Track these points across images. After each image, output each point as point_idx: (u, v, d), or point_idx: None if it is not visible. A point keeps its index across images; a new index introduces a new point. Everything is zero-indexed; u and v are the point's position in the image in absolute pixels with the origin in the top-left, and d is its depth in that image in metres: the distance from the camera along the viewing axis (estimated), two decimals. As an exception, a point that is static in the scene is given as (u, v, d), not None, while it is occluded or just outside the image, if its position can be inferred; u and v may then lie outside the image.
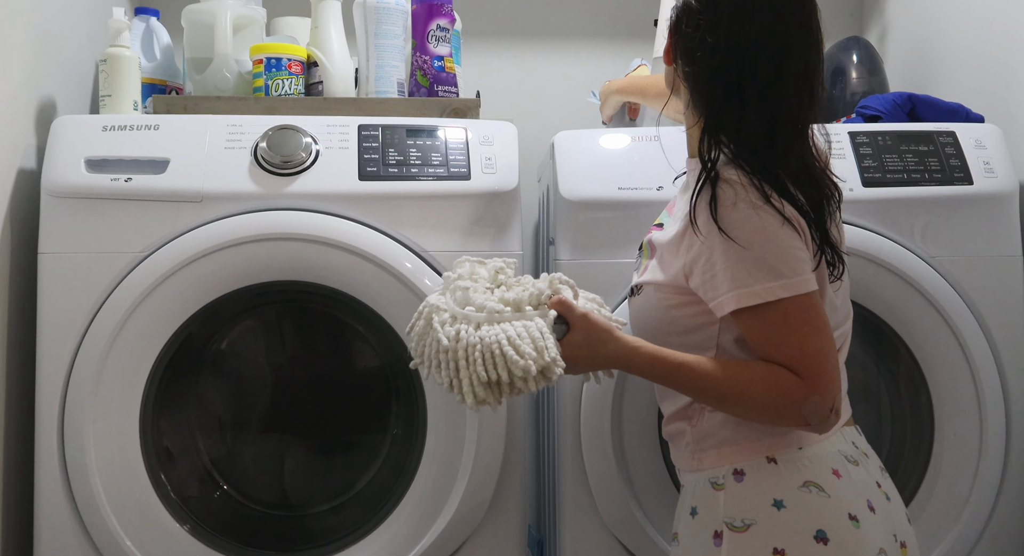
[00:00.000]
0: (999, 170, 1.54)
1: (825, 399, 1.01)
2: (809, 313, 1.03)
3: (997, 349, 1.50)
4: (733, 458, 1.08)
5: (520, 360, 1.07)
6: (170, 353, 1.43)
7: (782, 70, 1.07)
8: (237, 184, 1.43)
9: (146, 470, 1.41)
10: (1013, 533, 1.51)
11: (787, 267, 1.02)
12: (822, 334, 1.03)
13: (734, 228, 1.03)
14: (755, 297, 1.02)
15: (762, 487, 1.06)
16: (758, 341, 1.04)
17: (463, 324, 1.11)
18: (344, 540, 1.47)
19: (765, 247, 1.02)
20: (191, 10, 1.77)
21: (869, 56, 1.83)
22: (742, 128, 1.07)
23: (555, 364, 1.08)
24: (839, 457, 1.09)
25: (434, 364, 1.12)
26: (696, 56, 1.10)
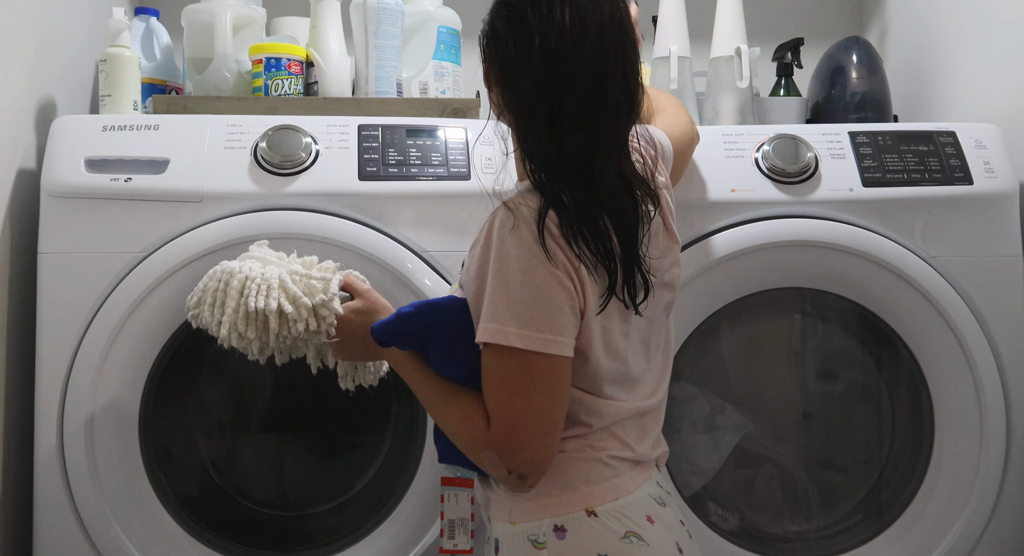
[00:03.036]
0: (999, 170, 1.54)
1: (503, 459, 0.98)
2: (534, 375, 0.97)
3: (997, 349, 1.50)
4: (551, 511, 1.02)
5: (294, 288, 1.09)
6: (170, 353, 1.43)
7: (601, 84, 1.00)
8: (237, 184, 1.43)
9: (146, 470, 1.41)
10: (1013, 533, 1.51)
11: (540, 320, 0.96)
12: (535, 402, 0.97)
13: (507, 260, 0.97)
14: (495, 336, 0.96)
15: (585, 543, 1.00)
16: (483, 378, 1.01)
17: (250, 261, 1.15)
18: (344, 540, 1.47)
19: (525, 289, 0.96)
20: (191, 10, 1.77)
21: (869, 56, 1.83)
22: (561, 152, 1.00)
23: (330, 304, 1.10)
24: (650, 501, 1.05)
25: (207, 301, 1.13)
26: (509, 81, 1.04)
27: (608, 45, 1.01)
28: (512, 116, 1.06)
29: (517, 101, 1.04)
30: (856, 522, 1.57)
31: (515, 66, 1.02)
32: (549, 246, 0.97)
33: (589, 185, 1.00)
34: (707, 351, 1.58)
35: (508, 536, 1.04)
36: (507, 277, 0.97)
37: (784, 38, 1.97)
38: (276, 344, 1.14)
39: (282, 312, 1.10)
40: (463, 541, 1.08)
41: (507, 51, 1.03)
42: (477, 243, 1.03)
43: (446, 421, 1.05)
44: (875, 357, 1.60)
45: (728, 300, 1.50)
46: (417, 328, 1.06)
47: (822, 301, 1.57)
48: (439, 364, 1.06)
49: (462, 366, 1.04)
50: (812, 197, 1.51)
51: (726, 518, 1.56)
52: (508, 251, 0.98)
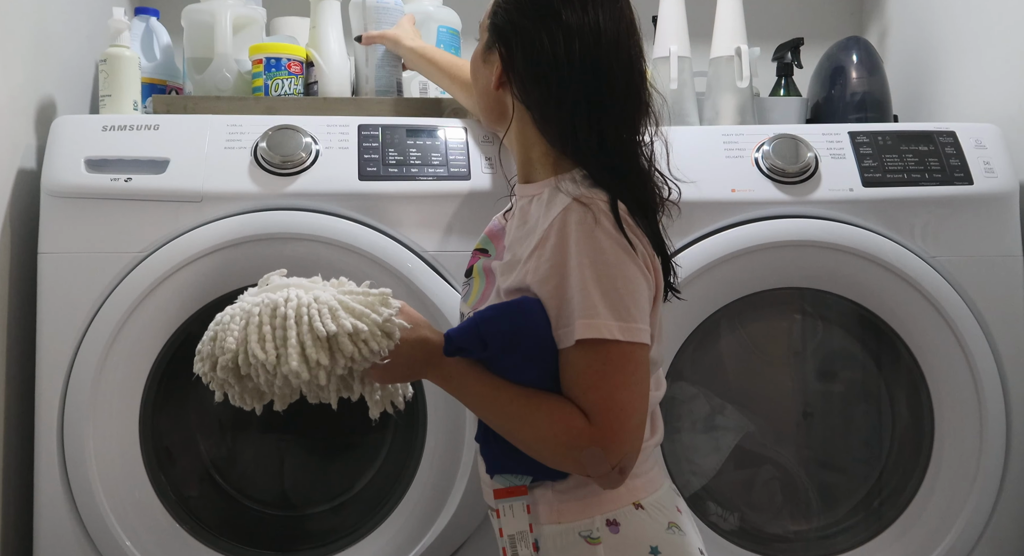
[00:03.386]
0: (999, 170, 1.54)
1: (609, 454, 0.96)
2: (632, 365, 0.97)
3: (997, 349, 1.50)
4: (602, 507, 1.02)
5: (360, 307, 0.99)
6: (170, 353, 1.43)
7: (630, 84, 1.04)
8: (237, 184, 1.43)
9: (146, 470, 1.41)
10: (1013, 533, 1.51)
11: (632, 310, 0.97)
12: (636, 392, 0.98)
13: (596, 255, 0.97)
14: (593, 330, 0.95)
15: (639, 535, 1.02)
16: (571, 377, 0.98)
17: (294, 289, 1.02)
18: (344, 540, 1.47)
19: (616, 282, 0.97)
20: (191, 10, 1.77)
21: (869, 56, 1.83)
22: (604, 148, 1.02)
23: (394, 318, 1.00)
24: (672, 492, 1.09)
25: (254, 338, 0.99)
26: (545, 78, 1.02)
27: (633, 47, 1.05)
28: (547, 114, 1.04)
29: (557, 99, 1.03)
30: (856, 522, 1.57)
31: (555, 64, 1.02)
32: (630, 236, 0.99)
33: (636, 178, 1.03)
34: (707, 351, 1.58)
35: (553, 534, 1.03)
36: (598, 271, 0.96)
37: (784, 38, 1.97)
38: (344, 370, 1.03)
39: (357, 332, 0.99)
40: (526, 554, 1.06)
41: (542, 49, 1.02)
42: (546, 241, 1.00)
43: (533, 426, 1.00)
44: (875, 357, 1.60)
45: (728, 300, 1.50)
46: (502, 331, 1.01)
47: (822, 301, 1.57)
48: (512, 370, 1.02)
49: (538, 368, 1.01)
50: (812, 197, 1.51)
51: (726, 518, 1.56)
52: (595, 245, 0.97)
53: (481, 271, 1.13)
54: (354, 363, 1.01)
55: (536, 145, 1.08)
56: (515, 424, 1.01)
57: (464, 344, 1.02)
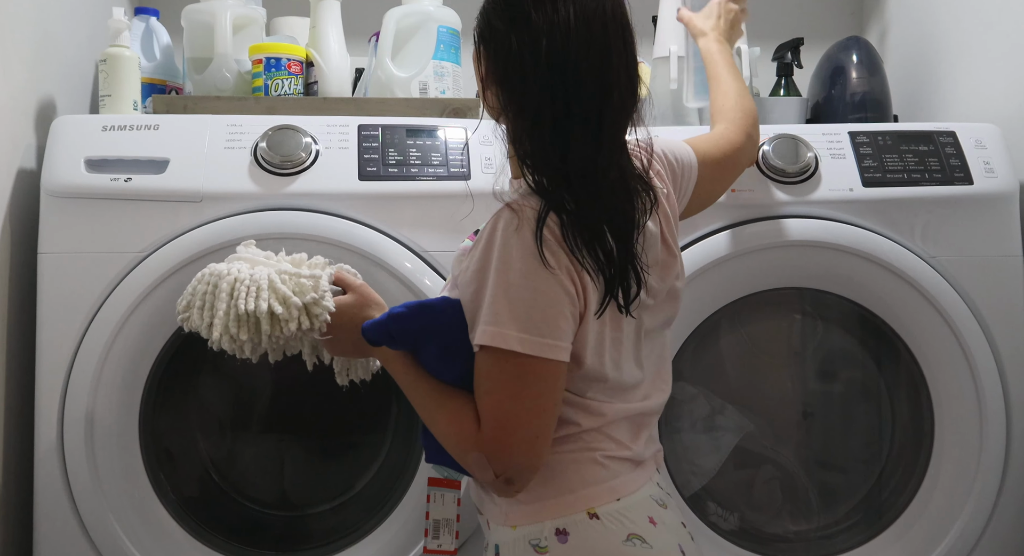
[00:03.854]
0: (999, 170, 1.54)
1: (492, 462, 0.96)
2: (530, 379, 0.95)
3: (997, 349, 1.50)
4: (551, 513, 1.00)
5: (284, 289, 1.08)
6: (170, 353, 1.43)
7: (606, 84, 0.99)
8: (237, 184, 1.43)
9: (146, 470, 1.41)
10: (1013, 533, 1.51)
11: (540, 324, 0.95)
12: (530, 406, 0.96)
13: (508, 262, 0.96)
14: (495, 339, 0.95)
15: (588, 545, 0.98)
16: (475, 381, 0.99)
17: (238, 263, 1.13)
18: (344, 540, 1.47)
19: (526, 293, 0.95)
20: (191, 10, 1.77)
21: (869, 56, 1.83)
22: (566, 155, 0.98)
23: (321, 301, 1.09)
24: (651, 503, 1.04)
25: (196, 305, 1.11)
26: (511, 82, 1.01)
27: (612, 42, 1.00)
28: (511, 117, 1.03)
29: (519, 103, 1.01)
30: (856, 522, 1.57)
31: (519, 67, 1.00)
32: (552, 249, 0.96)
33: (592, 187, 0.99)
34: (707, 351, 1.58)
35: (508, 541, 1.02)
36: (509, 279, 0.95)
37: (784, 38, 1.97)
38: (269, 344, 1.13)
39: (273, 313, 1.09)
40: (448, 541, 1.07)
41: (509, 52, 1.00)
42: (478, 244, 1.01)
43: (435, 422, 1.03)
44: (875, 357, 1.60)
45: (728, 300, 1.50)
46: (410, 329, 1.04)
47: (822, 301, 1.57)
48: (431, 365, 1.05)
49: (454, 368, 1.03)
50: (812, 197, 1.51)
51: (726, 518, 1.56)
52: (511, 253, 0.96)
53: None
54: (278, 339, 1.12)
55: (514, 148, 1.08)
56: (425, 416, 1.05)
57: (372, 337, 1.07)
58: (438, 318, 1.03)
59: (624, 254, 1.00)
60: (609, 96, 1.00)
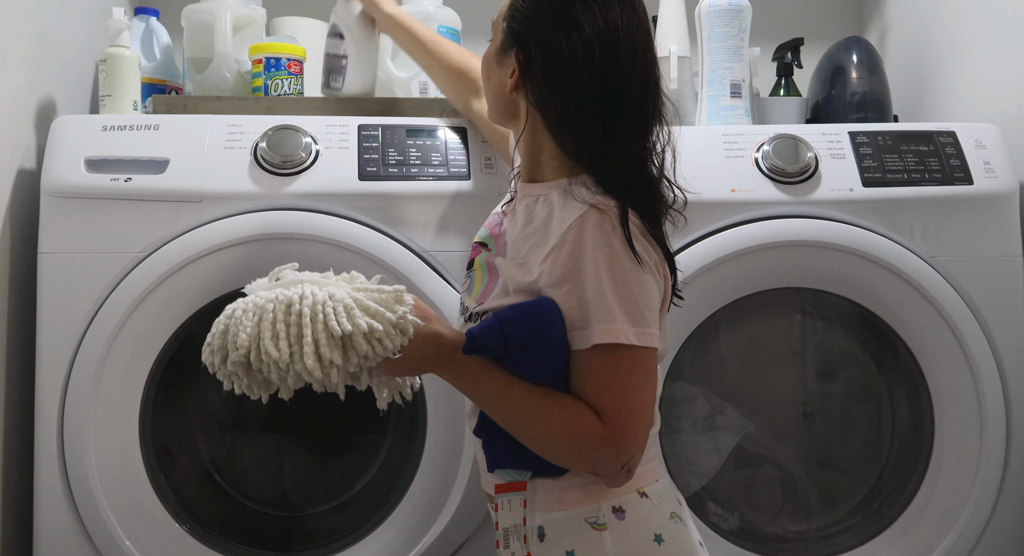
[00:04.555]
0: (999, 170, 1.54)
1: (619, 454, 0.98)
2: (644, 369, 1.00)
3: (997, 349, 1.50)
4: (606, 494, 1.03)
5: (375, 306, 1.00)
6: (170, 353, 1.43)
7: (646, 91, 1.05)
8: (237, 184, 1.43)
9: (146, 470, 1.41)
10: (1013, 533, 1.51)
11: (646, 315, 0.99)
12: (647, 394, 1.01)
13: (612, 261, 0.99)
14: (610, 335, 0.97)
15: (643, 523, 1.03)
16: (584, 378, 1.00)
17: (308, 286, 1.02)
18: (344, 540, 1.47)
19: (632, 288, 0.99)
20: (191, 10, 1.77)
21: (869, 56, 1.83)
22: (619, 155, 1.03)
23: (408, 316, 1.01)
24: (672, 484, 1.11)
25: (268, 335, 0.99)
26: (562, 86, 1.03)
27: (649, 55, 1.06)
28: (561, 121, 1.05)
29: (574, 108, 1.03)
30: (856, 522, 1.57)
31: (574, 74, 1.02)
32: (642, 244, 1.01)
33: (647, 185, 1.05)
34: (707, 351, 1.58)
35: (559, 521, 1.04)
36: (615, 277, 0.98)
37: (784, 38, 1.97)
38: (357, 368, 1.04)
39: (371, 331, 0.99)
40: (519, 548, 1.06)
41: (561, 57, 1.03)
42: (560, 247, 1.00)
43: (545, 423, 1.00)
44: (875, 357, 1.60)
45: (728, 300, 1.50)
46: (524, 331, 1.02)
47: (822, 301, 1.57)
48: (525, 368, 1.03)
49: (551, 368, 1.02)
50: (812, 197, 1.51)
51: (726, 518, 1.56)
52: (612, 252, 0.99)
53: (483, 265, 1.14)
54: (367, 361, 1.02)
55: (545, 148, 1.09)
56: (527, 421, 1.02)
57: (486, 343, 1.02)
58: (548, 320, 1.01)
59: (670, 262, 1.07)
60: (651, 102, 1.05)
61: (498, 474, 1.08)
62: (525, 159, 1.13)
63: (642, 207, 1.03)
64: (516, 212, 1.12)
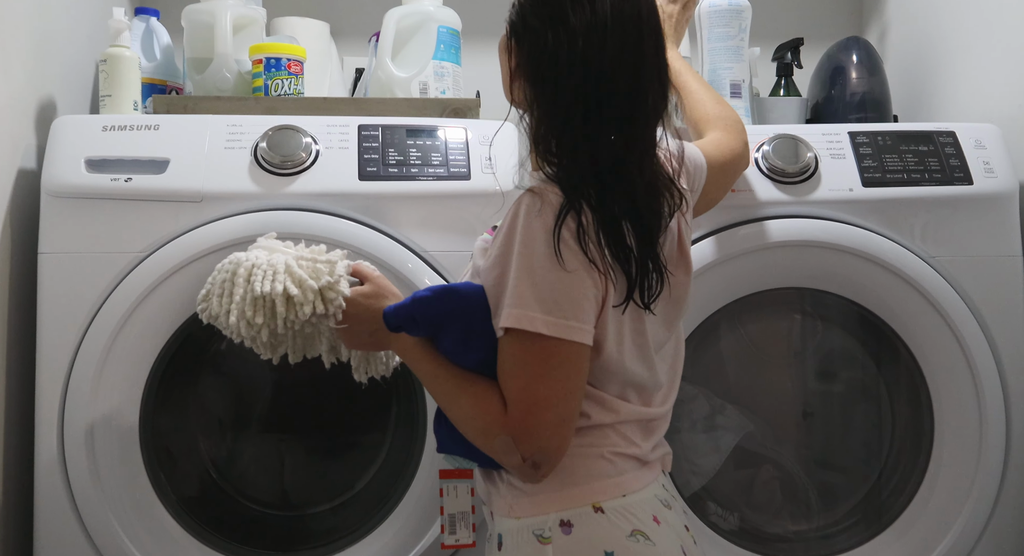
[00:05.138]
0: (999, 170, 1.54)
1: (519, 445, 0.97)
2: (556, 361, 0.97)
3: (997, 349, 1.50)
4: (556, 505, 1.01)
5: (300, 272, 1.10)
6: (170, 353, 1.43)
7: (640, 85, 1.01)
8: (237, 184, 1.43)
9: (146, 470, 1.41)
10: (1013, 533, 1.51)
11: (565, 307, 0.96)
12: (556, 389, 0.97)
13: (530, 245, 0.97)
14: (520, 321, 0.96)
15: (592, 539, 0.99)
16: (499, 364, 1.00)
17: (257, 250, 1.15)
18: (344, 540, 1.47)
19: (550, 275, 0.96)
20: (191, 10, 1.77)
21: (869, 56, 1.83)
22: (596, 153, 1.00)
23: (336, 286, 1.10)
24: (656, 502, 1.05)
25: (216, 293, 1.13)
26: (545, 79, 1.02)
27: (646, 46, 1.02)
28: (538, 114, 1.04)
29: (550, 100, 1.02)
30: (856, 522, 1.57)
31: (553, 66, 1.01)
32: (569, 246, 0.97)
33: (622, 186, 1.01)
34: (707, 351, 1.58)
35: (512, 531, 1.03)
36: (533, 262, 0.96)
37: (784, 38, 1.97)
38: (286, 331, 1.13)
39: (289, 296, 1.09)
40: (464, 535, 1.07)
41: (544, 49, 1.01)
42: (501, 229, 1.02)
43: (458, 407, 1.03)
44: (875, 357, 1.60)
45: (728, 300, 1.51)
46: (434, 313, 1.04)
47: (822, 301, 1.57)
48: (452, 350, 1.05)
49: (476, 353, 1.03)
50: (812, 197, 1.51)
51: (726, 518, 1.56)
52: (535, 236, 0.97)
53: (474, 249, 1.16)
54: (294, 324, 1.12)
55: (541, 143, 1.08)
56: (447, 403, 1.05)
57: (398, 321, 1.07)
58: (462, 302, 1.03)
59: (647, 252, 1.02)
60: (643, 98, 1.02)
61: (446, 459, 1.10)
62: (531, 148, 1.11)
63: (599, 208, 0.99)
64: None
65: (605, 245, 0.99)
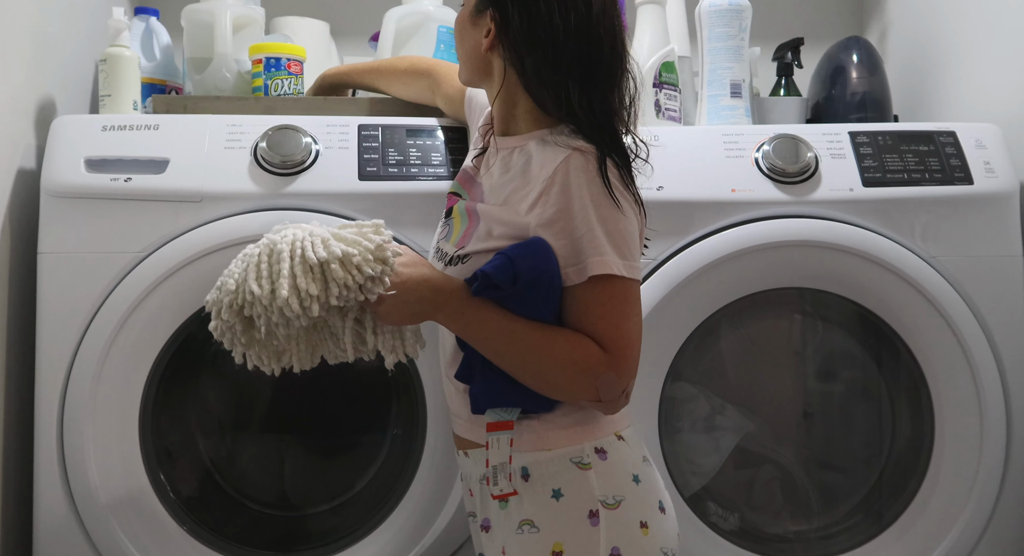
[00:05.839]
0: (999, 170, 1.54)
1: (621, 379, 1.05)
2: (634, 299, 1.08)
3: (997, 349, 1.50)
4: (589, 436, 1.10)
5: (352, 236, 1.04)
6: (170, 353, 1.43)
7: (615, 48, 1.12)
8: (237, 184, 1.43)
9: (146, 470, 1.41)
10: (1013, 533, 1.51)
11: (632, 249, 1.08)
12: (637, 322, 1.09)
13: (598, 199, 1.06)
14: (603, 267, 1.04)
15: (623, 464, 1.10)
16: (581, 310, 1.07)
17: (291, 228, 1.07)
18: (344, 540, 1.47)
19: (619, 224, 1.06)
20: (191, 10, 1.77)
21: (869, 56, 1.83)
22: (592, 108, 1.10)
23: (388, 244, 1.05)
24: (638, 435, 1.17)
25: (250, 276, 1.02)
26: (540, 42, 1.10)
27: (615, 16, 1.13)
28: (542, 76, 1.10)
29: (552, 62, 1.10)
30: (856, 522, 1.57)
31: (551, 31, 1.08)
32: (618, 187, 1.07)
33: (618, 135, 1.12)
34: (707, 351, 1.58)
35: (543, 462, 1.09)
36: (602, 213, 1.06)
37: (784, 38, 1.97)
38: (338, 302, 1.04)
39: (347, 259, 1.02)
40: (506, 484, 1.11)
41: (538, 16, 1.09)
42: (548, 189, 1.07)
43: (549, 357, 1.06)
44: (875, 357, 1.60)
45: (728, 300, 1.51)
46: (533, 267, 1.06)
47: (822, 301, 1.57)
48: (528, 306, 1.07)
49: (549, 306, 1.07)
50: (812, 197, 1.51)
51: (726, 518, 1.56)
52: (597, 190, 1.06)
53: (463, 212, 1.18)
54: (348, 291, 1.03)
55: (520, 103, 1.15)
56: (530, 355, 1.07)
57: (498, 280, 1.06)
58: (546, 257, 1.07)
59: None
60: (621, 58, 1.13)
61: (489, 414, 1.12)
62: (499, 115, 1.19)
63: (618, 154, 1.10)
64: (490, 164, 1.19)
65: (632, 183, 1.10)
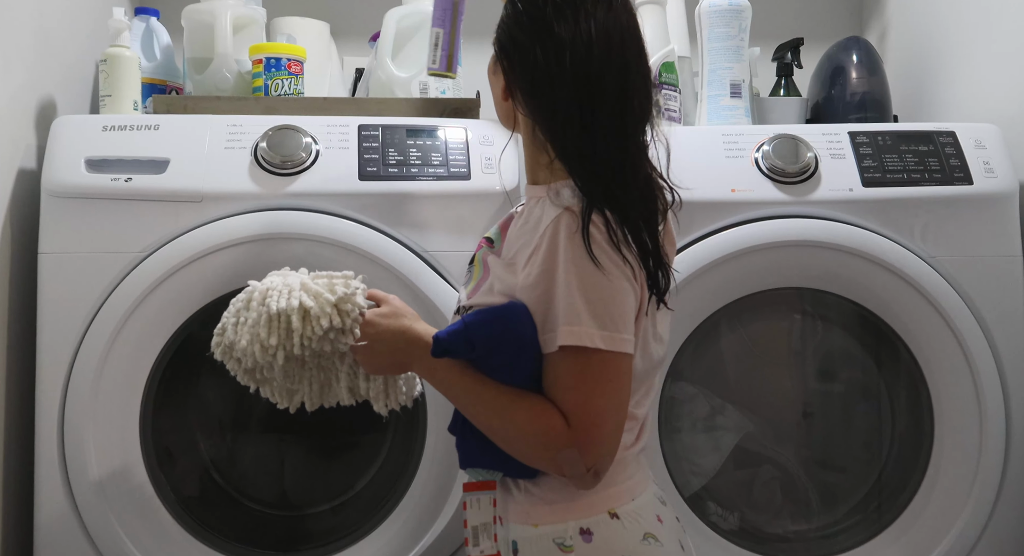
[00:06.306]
0: (999, 170, 1.54)
1: (584, 456, 0.98)
2: (612, 373, 0.99)
3: (997, 349, 1.50)
4: (575, 514, 1.03)
5: (315, 286, 1.07)
6: (170, 353, 1.43)
7: (627, 92, 1.04)
8: (237, 184, 1.43)
9: (146, 470, 1.41)
10: (1013, 533, 1.51)
11: (616, 320, 0.99)
12: (613, 399, 1.00)
13: (579, 263, 0.99)
14: (575, 338, 0.97)
15: (612, 546, 1.02)
16: (551, 381, 1.01)
17: (271, 277, 1.12)
18: (344, 540, 1.47)
19: (602, 292, 0.98)
20: (191, 10, 1.77)
21: (869, 56, 1.83)
22: (595, 157, 1.03)
23: (353, 298, 1.07)
24: (655, 501, 1.08)
25: (230, 323, 1.09)
26: (540, 92, 1.05)
27: (629, 53, 1.05)
28: (542, 125, 1.06)
29: (551, 112, 1.04)
30: (856, 522, 1.57)
31: (547, 78, 1.03)
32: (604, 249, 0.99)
33: (625, 186, 1.03)
34: (707, 351, 1.58)
35: (530, 539, 1.04)
36: (584, 280, 0.98)
37: (784, 38, 1.97)
38: (302, 351, 1.09)
39: (305, 310, 1.06)
40: (488, 546, 1.07)
41: (536, 64, 1.04)
42: (539, 248, 1.01)
43: (511, 423, 1.02)
44: (875, 357, 1.60)
45: (728, 300, 1.50)
46: (489, 335, 1.03)
47: (822, 301, 1.57)
48: (499, 369, 1.04)
49: (524, 370, 1.02)
50: (812, 197, 1.51)
51: (726, 518, 1.56)
52: (582, 254, 0.98)
53: (481, 261, 1.15)
54: (311, 342, 1.07)
55: (541, 151, 1.09)
56: (497, 420, 1.03)
57: (451, 347, 1.04)
58: (515, 322, 1.02)
59: (657, 247, 1.04)
60: (630, 101, 1.04)
61: (469, 473, 1.10)
62: (527, 163, 1.14)
63: (620, 208, 1.01)
64: (521, 213, 1.13)
65: (632, 242, 1.01)
